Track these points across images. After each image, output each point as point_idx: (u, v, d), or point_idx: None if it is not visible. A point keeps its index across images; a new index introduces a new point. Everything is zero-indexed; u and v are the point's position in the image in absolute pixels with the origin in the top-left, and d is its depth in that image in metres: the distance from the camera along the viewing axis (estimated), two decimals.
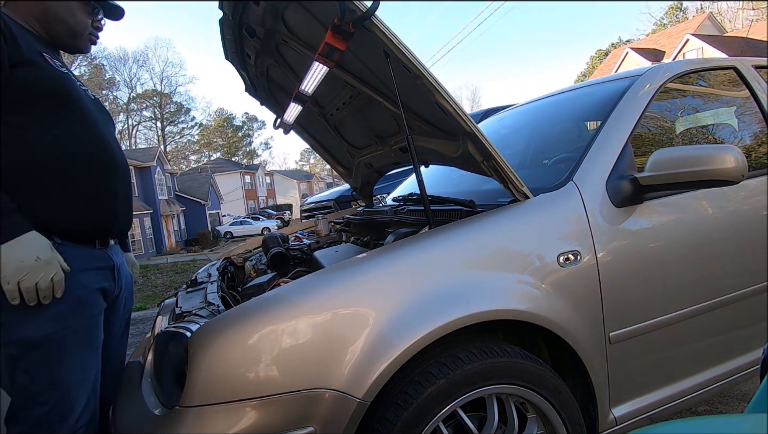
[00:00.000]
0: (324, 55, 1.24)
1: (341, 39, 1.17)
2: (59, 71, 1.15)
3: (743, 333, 1.58)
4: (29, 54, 1.09)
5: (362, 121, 1.97)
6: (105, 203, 1.20)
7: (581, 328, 1.23)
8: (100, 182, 1.18)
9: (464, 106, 1.27)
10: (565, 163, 1.57)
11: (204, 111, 67.85)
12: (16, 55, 1.05)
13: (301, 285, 1.13)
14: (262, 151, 56.54)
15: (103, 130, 1.23)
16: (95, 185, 1.17)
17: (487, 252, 1.21)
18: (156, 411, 1.06)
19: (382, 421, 1.03)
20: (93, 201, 1.17)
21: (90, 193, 1.16)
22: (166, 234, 25.56)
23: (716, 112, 1.87)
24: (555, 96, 2.16)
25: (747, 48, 16.31)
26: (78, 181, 1.14)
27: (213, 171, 35.22)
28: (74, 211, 1.13)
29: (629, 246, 1.33)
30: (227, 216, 35.18)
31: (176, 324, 1.24)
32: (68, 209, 1.12)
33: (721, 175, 1.25)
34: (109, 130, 1.28)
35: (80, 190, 1.14)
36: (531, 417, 1.20)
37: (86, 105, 1.21)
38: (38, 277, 1.00)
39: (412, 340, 1.03)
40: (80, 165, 1.14)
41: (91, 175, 1.16)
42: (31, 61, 1.08)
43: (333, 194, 5.47)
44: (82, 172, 1.14)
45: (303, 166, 70.07)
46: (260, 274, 2.03)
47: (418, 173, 1.33)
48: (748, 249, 1.54)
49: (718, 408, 1.96)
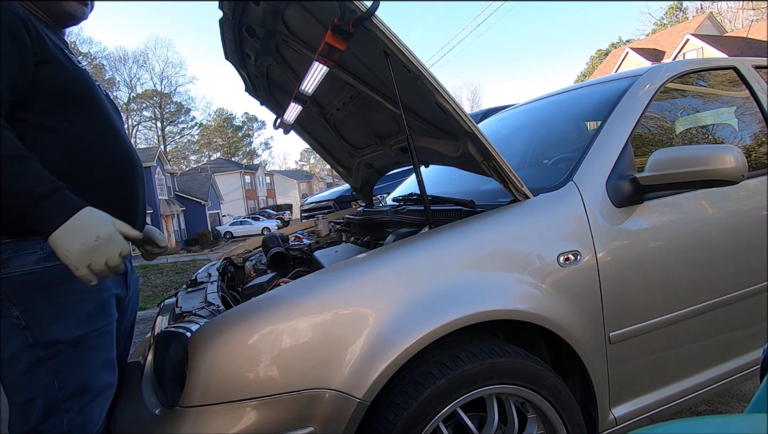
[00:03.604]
0: (324, 55, 1.24)
1: (341, 39, 1.17)
2: (80, 68, 1.10)
3: (743, 333, 1.58)
4: (53, 50, 1.02)
5: (362, 121, 1.97)
6: (129, 204, 1.15)
7: (581, 328, 1.23)
8: (124, 183, 1.13)
9: (464, 106, 1.27)
10: (565, 163, 1.57)
11: (204, 111, 67.83)
12: (42, 52, 0.98)
13: (301, 285, 1.13)
14: (262, 151, 56.63)
15: (121, 128, 1.18)
16: (120, 186, 1.12)
17: (487, 252, 1.21)
18: (156, 411, 1.06)
19: (382, 421, 1.03)
20: (118, 202, 1.11)
21: (116, 193, 1.11)
22: (166, 235, 25.34)
23: (716, 112, 1.87)
24: (555, 96, 2.16)
25: (747, 48, 16.31)
26: (107, 182, 1.09)
27: (213, 171, 35.23)
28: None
29: (629, 247, 1.33)
30: (227, 216, 35.18)
31: (176, 324, 1.24)
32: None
33: (721, 175, 1.25)
34: (123, 129, 1.23)
35: (109, 190, 1.09)
36: (531, 417, 1.20)
37: (105, 103, 1.16)
38: (104, 258, 0.91)
39: (412, 340, 1.03)
40: (106, 166, 1.09)
41: (116, 175, 1.11)
42: (54, 58, 1.02)
43: (333, 194, 5.47)
44: (109, 173, 1.09)
45: (303, 166, 70.10)
46: (260, 274, 2.03)
47: (418, 173, 1.33)
48: (748, 249, 1.54)
49: (718, 408, 1.96)
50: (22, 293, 0.96)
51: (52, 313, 0.98)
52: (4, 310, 0.95)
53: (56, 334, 0.98)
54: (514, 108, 2.45)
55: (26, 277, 0.96)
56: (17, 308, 0.96)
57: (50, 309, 0.97)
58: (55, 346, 0.98)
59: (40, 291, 0.97)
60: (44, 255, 0.98)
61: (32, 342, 0.96)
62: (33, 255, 0.97)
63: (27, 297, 0.96)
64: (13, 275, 0.96)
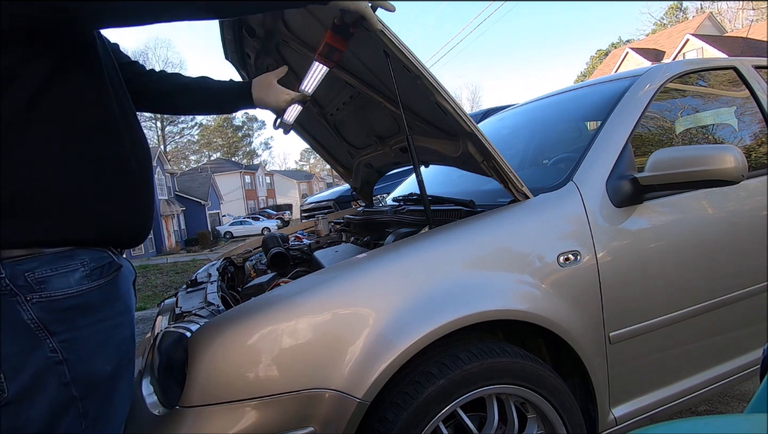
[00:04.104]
0: (324, 55, 1.24)
1: (341, 39, 1.17)
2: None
3: (743, 333, 1.58)
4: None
5: (362, 121, 1.97)
6: (148, 205, 0.99)
7: (581, 328, 1.23)
8: (147, 181, 0.97)
9: (464, 106, 1.27)
10: (565, 163, 1.57)
11: None
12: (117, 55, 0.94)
13: (301, 285, 1.13)
14: (262, 151, 56.57)
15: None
16: (143, 185, 0.95)
17: (487, 252, 1.21)
18: (156, 411, 1.06)
19: (382, 421, 1.03)
20: (143, 203, 0.95)
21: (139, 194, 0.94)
22: (166, 235, 25.55)
23: (716, 112, 1.87)
24: (555, 96, 2.16)
25: (747, 48, 16.33)
26: (137, 182, 0.93)
27: (213, 171, 35.22)
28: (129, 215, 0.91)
29: (629, 247, 1.33)
30: (227, 216, 35.18)
31: (176, 324, 1.24)
32: (125, 215, 0.90)
33: (721, 175, 1.25)
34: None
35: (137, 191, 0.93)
36: (531, 417, 1.20)
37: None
38: None
39: (412, 340, 1.03)
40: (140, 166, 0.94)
41: (141, 174, 0.94)
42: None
43: (333, 194, 5.47)
44: (139, 173, 0.93)
45: (303, 166, 70.08)
46: (260, 274, 2.03)
47: (418, 173, 1.33)
48: (747, 249, 1.54)
49: (718, 408, 1.96)
50: (62, 320, 0.78)
51: (93, 343, 0.82)
52: (36, 342, 0.76)
53: (97, 367, 0.82)
54: (514, 108, 2.45)
55: (70, 301, 0.79)
56: (55, 339, 0.77)
57: (92, 337, 0.81)
58: (91, 383, 0.81)
59: (84, 317, 0.81)
60: (87, 272, 0.81)
61: (69, 379, 0.78)
62: (76, 274, 0.80)
63: (69, 326, 0.79)
64: (55, 299, 0.77)
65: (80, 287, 0.80)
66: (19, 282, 0.75)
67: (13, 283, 0.74)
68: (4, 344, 0.73)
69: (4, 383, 0.73)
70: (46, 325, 0.76)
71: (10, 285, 0.74)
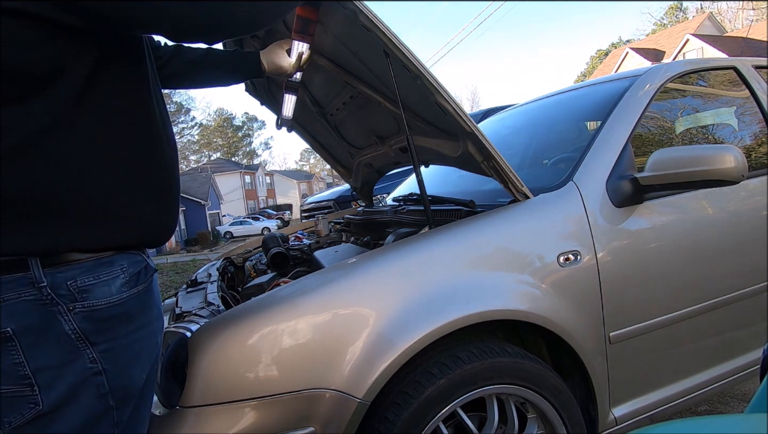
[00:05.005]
0: (299, 31, 1.23)
1: (311, 9, 1.18)
2: None
3: (743, 333, 1.58)
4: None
5: (362, 121, 1.97)
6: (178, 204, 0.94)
7: (581, 328, 1.23)
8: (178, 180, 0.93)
9: (464, 106, 1.27)
10: (565, 163, 1.57)
11: (204, 111, 67.64)
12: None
13: (301, 285, 1.13)
14: (262, 151, 56.62)
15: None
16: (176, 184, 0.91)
17: (487, 252, 1.21)
18: (156, 412, 1.06)
19: (383, 421, 1.03)
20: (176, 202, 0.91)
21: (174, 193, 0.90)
22: None
23: (716, 112, 1.87)
24: (555, 96, 2.16)
25: (747, 48, 16.33)
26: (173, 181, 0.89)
27: (213, 171, 35.22)
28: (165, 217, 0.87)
29: (629, 247, 1.33)
30: (227, 216, 35.17)
31: (176, 324, 1.24)
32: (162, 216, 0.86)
33: (721, 175, 1.25)
34: None
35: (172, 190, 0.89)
36: (531, 417, 1.20)
37: None
38: None
39: (412, 340, 1.03)
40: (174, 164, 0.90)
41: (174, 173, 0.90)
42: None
43: (333, 194, 5.48)
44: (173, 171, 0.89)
45: (303, 166, 70.10)
46: (260, 274, 2.03)
47: (418, 173, 1.33)
48: (748, 249, 1.54)
49: (718, 408, 1.96)
50: (104, 330, 0.75)
51: (131, 352, 0.79)
52: (75, 353, 0.73)
53: (134, 378, 0.80)
54: (514, 108, 2.45)
55: (112, 310, 0.76)
56: (95, 349, 0.74)
57: (130, 346, 0.79)
58: (128, 393, 0.79)
59: (123, 326, 0.78)
60: (127, 279, 0.79)
61: (107, 390, 0.75)
62: (117, 281, 0.77)
63: (110, 336, 0.76)
64: (98, 309, 0.74)
65: (121, 295, 0.77)
66: (62, 292, 0.71)
67: (54, 293, 0.71)
68: (42, 356, 0.70)
69: (39, 395, 0.70)
70: (87, 336, 0.73)
71: (51, 294, 0.70)
